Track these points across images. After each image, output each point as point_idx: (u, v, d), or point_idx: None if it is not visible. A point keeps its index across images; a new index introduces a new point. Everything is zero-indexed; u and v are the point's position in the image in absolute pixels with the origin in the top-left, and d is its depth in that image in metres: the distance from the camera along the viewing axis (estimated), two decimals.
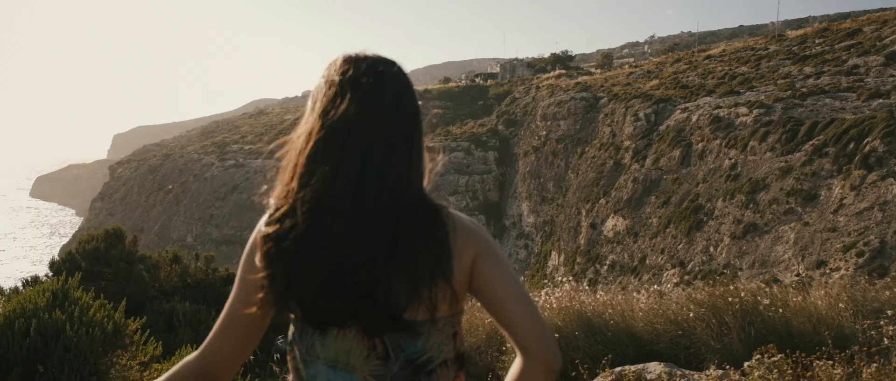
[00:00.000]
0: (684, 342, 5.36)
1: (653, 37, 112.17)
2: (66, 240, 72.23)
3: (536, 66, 66.64)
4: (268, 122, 67.27)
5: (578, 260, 31.08)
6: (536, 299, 6.54)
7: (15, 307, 4.97)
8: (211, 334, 1.57)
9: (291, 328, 1.54)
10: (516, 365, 1.53)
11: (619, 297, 6.81)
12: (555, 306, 6.13)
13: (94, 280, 8.17)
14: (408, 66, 1.52)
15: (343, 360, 1.50)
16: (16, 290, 8.13)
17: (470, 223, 1.55)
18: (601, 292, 7.19)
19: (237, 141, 64.08)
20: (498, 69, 73.06)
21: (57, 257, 8.76)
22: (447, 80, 78.80)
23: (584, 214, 32.57)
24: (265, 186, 1.54)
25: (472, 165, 45.48)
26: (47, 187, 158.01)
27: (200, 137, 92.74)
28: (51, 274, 8.28)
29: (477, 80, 70.95)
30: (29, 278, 8.25)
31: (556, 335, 5.63)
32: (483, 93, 58.78)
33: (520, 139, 44.95)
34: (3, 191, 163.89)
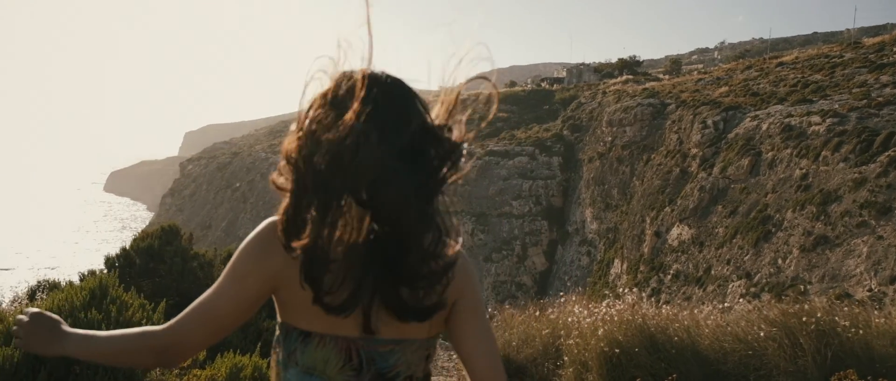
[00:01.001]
0: (754, 363, 5.17)
1: (723, 43, 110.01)
2: (135, 234, 74.07)
3: (603, 71, 65.99)
4: None
5: (642, 269, 30.67)
6: (596, 311, 6.44)
7: (52, 305, 4.88)
8: (186, 315, 1.55)
9: (277, 331, 1.60)
10: None
11: (684, 312, 6.63)
12: (615, 318, 5.98)
13: (150, 277, 8.35)
14: (474, 69, 1.54)
15: (320, 368, 1.55)
16: (56, 285, 8.34)
17: (464, 264, 1.64)
18: (665, 306, 7.03)
19: None
20: (564, 74, 72.61)
21: (113, 254, 8.87)
22: (513, 84, 78.54)
23: (648, 222, 32.14)
24: None
25: (536, 170, 45.25)
26: (120, 183, 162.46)
27: (268, 136, 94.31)
28: (105, 270, 8.45)
29: (543, 84, 70.60)
30: (86, 273, 8.42)
31: (617, 351, 5.53)
32: (548, 97, 58.42)
33: (585, 145, 44.57)
34: (78, 185, 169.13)
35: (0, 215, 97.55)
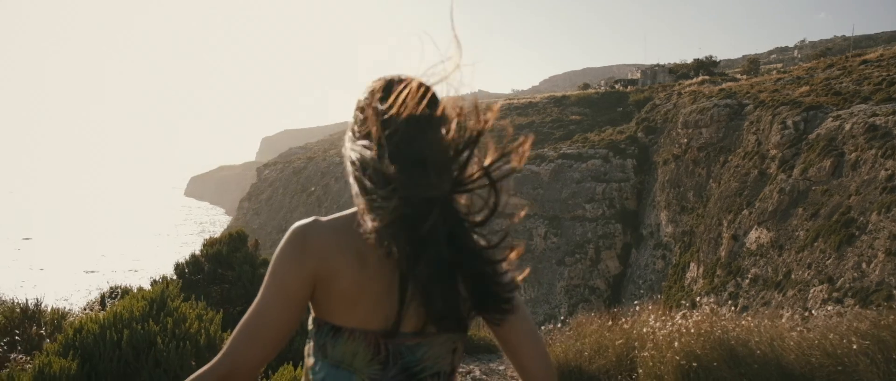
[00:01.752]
0: (843, 380, 4.91)
1: (803, 41, 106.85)
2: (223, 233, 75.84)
3: (678, 72, 64.84)
4: None
5: (718, 273, 30.02)
6: (672, 322, 6.27)
7: (110, 316, 4.87)
8: (235, 337, 1.57)
9: (310, 325, 1.66)
10: None
11: (766, 322, 6.29)
12: (692, 330, 5.79)
13: (218, 283, 8.51)
14: (547, 72, 1.60)
15: (348, 361, 1.60)
16: (127, 291, 8.51)
17: None
18: (745, 316, 6.72)
19: None
20: (638, 75, 71.62)
21: (183, 260, 9.05)
22: (586, 86, 77.88)
23: (725, 225, 31.44)
24: None
25: (610, 172, 44.75)
26: (200, 187, 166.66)
27: (343, 140, 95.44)
28: (175, 276, 8.63)
29: (616, 86, 69.76)
30: (158, 279, 8.64)
31: (694, 365, 5.36)
32: (622, 99, 57.69)
33: (659, 147, 43.88)
34: (160, 190, 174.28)
35: (87, 220, 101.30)
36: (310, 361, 1.67)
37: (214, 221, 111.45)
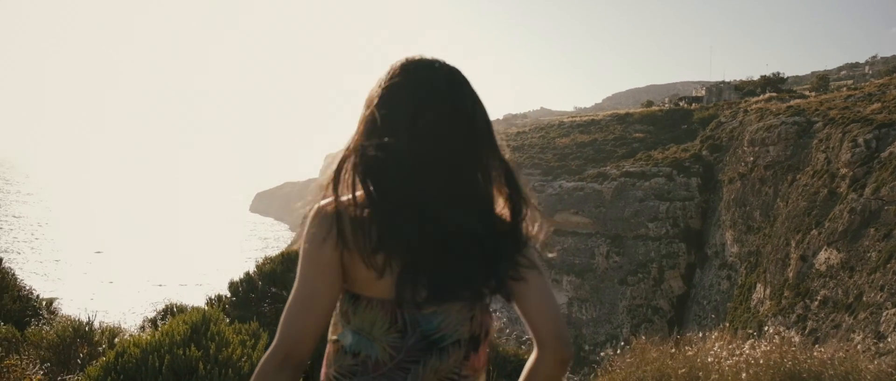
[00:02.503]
0: None
1: (875, 57, 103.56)
2: (277, 253, 76.99)
3: (745, 88, 63.64)
4: None
5: (786, 294, 29.30)
6: (739, 351, 5.94)
7: (153, 340, 4.85)
8: (285, 319, 1.69)
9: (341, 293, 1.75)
10: (533, 356, 1.79)
11: (841, 353, 5.87)
12: (761, 361, 5.47)
13: (272, 302, 8.52)
14: (609, 90, 1.66)
15: (367, 329, 1.67)
16: (183, 309, 8.54)
17: None
18: (818, 348, 6.30)
19: None
20: (703, 92, 70.50)
21: (236, 278, 9.09)
22: (650, 103, 77.01)
23: (793, 245, 30.70)
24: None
25: (674, 191, 44.12)
26: (265, 203, 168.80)
27: None
28: (229, 294, 8.75)
29: (681, 103, 68.85)
30: (213, 297, 8.72)
31: None
32: (686, 117, 56.85)
33: (725, 165, 43.13)
34: (226, 205, 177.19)
35: (156, 233, 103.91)
36: (337, 328, 1.75)
37: (278, 237, 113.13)
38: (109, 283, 64.32)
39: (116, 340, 5.74)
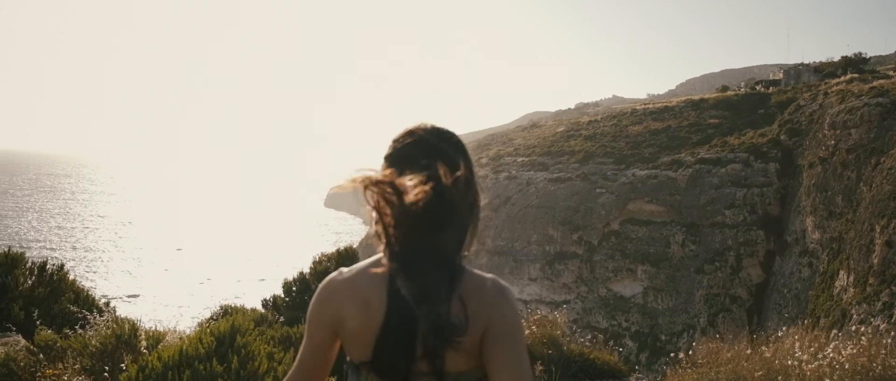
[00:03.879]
0: None
1: None
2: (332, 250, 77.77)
3: (824, 70, 61.63)
4: (541, 134, 68.20)
5: (871, 281, 28.36)
6: (822, 353, 5.48)
7: (174, 354, 4.76)
8: (291, 369, 1.91)
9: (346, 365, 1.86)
10: None
11: None
12: (847, 366, 5.01)
13: None
14: (683, 76, 1.65)
15: None
16: (239, 309, 8.38)
17: (493, 293, 1.74)
18: None
19: (511, 153, 65.96)
20: (780, 76, 68.56)
21: (289, 278, 8.97)
22: (725, 88, 75.22)
23: (878, 230, 29.68)
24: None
25: (751, 177, 43.11)
26: (339, 198, 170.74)
27: (476, 149, 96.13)
28: (283, 296, 8.72)
29: (757, 87, 67.07)
30: (269, 299, 8.72)
31: None
32: (764, 101, 55.38)
33: (804, 150, 41.92)
34: (301, 200, 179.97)
35: (233, 230, 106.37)
36: None
37: (351, 231, 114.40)
38: (200, 283, 66.06)
39: (160, 346, 5.55)
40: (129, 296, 56.52)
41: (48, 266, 8.37)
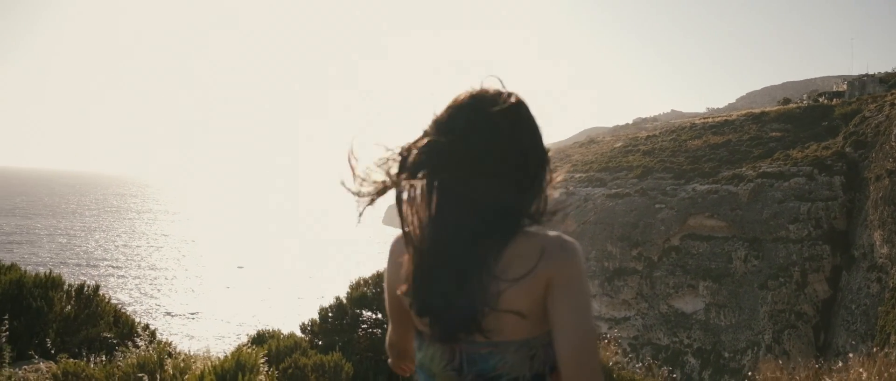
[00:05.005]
0: None
1: None
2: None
3: (890, 81, 60.24)
4: (598, 150, 67.86)
5: None
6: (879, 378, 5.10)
7: None
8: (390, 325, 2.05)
9: None
10: None
11: None
12: None
13: (370, 327, 8.21)
14: (743, 89, 1.54)
15: (427, 365, 1.73)
16: (274, 335, 8.27)
17: (556, 248, 1.68)
18: None
19: (568, 170, 65.87)
20: (844, 87, 67.18)
21: (326, 304, 8.69)
22: (787, 101, 73.97)
23: None
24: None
25: (815, 191, 42.25)
26: (396, 214, 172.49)
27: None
28: (319, 321, 8.44)
29: (820, 99, 65.83)
30: (307, 322, 8.47)
31: None
32: (827, 113, 54.30)
33: (871, 162, 40.96)
34: (358, 218, 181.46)
35: (294, 246, 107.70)
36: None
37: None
38: (262, 300, 66.85)
39: (187, 377, 5.31)
40: (191, 313, 57.72)
41: (85, 289, 7.97)
